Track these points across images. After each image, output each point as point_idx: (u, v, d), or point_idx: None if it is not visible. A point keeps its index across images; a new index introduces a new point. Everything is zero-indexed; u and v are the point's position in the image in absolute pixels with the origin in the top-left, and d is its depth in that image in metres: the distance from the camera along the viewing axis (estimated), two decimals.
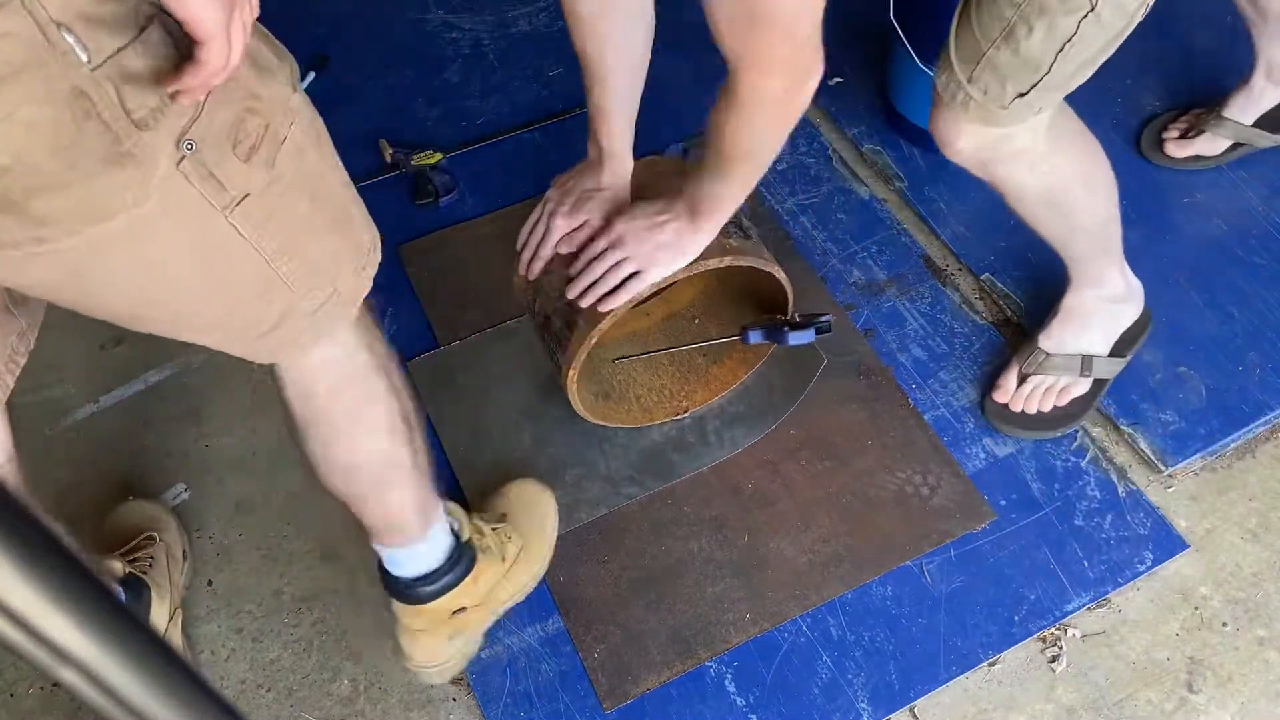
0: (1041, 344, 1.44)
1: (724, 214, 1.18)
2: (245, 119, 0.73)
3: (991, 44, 1.07)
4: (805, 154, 1.78)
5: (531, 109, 1.84)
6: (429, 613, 1.18)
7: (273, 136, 0.76)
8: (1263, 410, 1.46)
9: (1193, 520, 1.40)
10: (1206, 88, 1.80)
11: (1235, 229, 1.64)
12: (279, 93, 0.77)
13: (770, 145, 1.09)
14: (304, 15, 2.03)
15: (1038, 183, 1.23)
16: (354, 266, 0.89)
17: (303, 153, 0.79)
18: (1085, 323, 1.42)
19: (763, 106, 1.00)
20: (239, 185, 0.74)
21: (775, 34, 0.91)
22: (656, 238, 1.19)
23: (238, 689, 1.32)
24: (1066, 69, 1.07)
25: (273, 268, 0.80)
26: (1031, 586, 1.34)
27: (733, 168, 1.12)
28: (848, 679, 1.28)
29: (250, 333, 0.86)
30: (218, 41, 0.65)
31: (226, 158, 0.72)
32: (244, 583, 1.39)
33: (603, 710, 1.26)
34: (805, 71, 0.96)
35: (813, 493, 1.41)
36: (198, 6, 0.63)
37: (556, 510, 1.37)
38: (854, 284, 1.62)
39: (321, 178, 0.84)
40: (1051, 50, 1.05)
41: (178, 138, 0.68)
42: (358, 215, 0.91)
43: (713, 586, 1.34)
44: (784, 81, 0.97)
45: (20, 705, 1.30)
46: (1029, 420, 1.44)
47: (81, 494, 1.46)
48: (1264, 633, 1.31)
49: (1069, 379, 1.44)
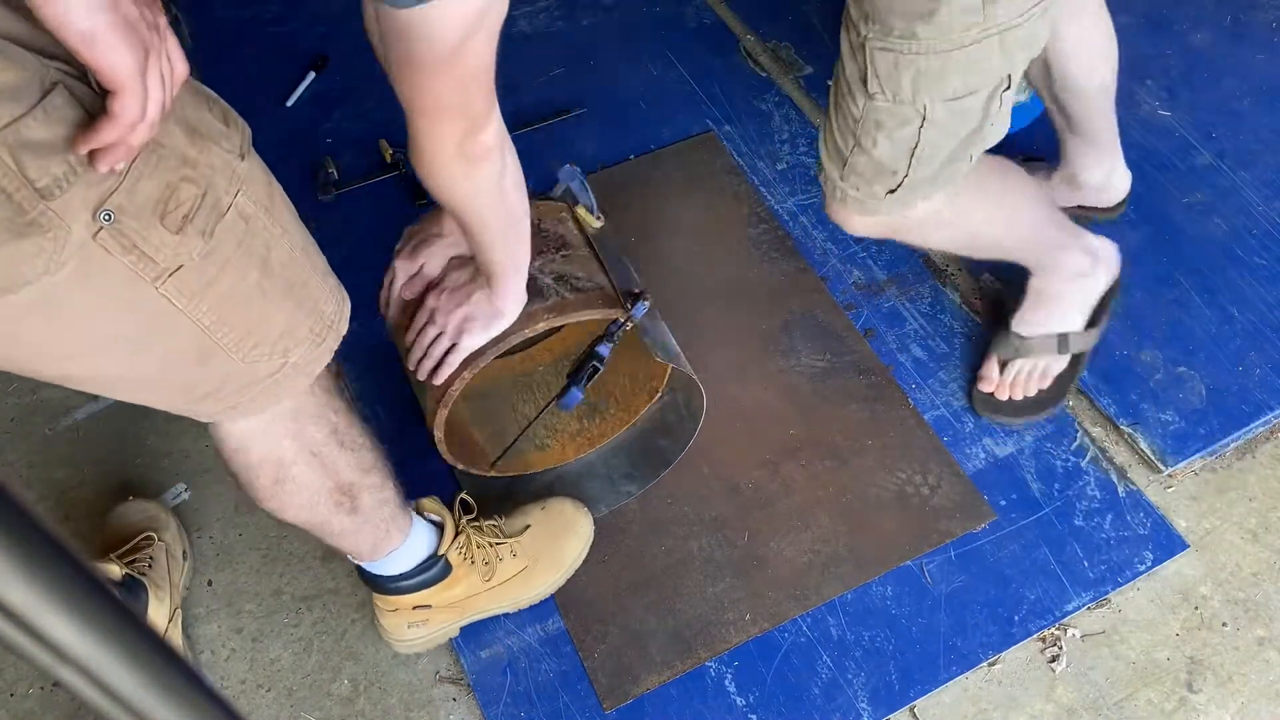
0: (1016, 329, 1.44)
1: (512, 278, 1.10)
2: (178, 188, 0.70)
3: (850, 149, 1.08)
4: (805, 154, 1.77)
5: (531, 109, 1.84)
6: (388, 600, 1.24)
7: (212, 205, 0.73)
8: (1263, 410, 1.46)
9: (1193, 520, 1.40)
10: (1206, 87, 1.81)
11: (1235, 229, 1.64)
12: (221, 160, 0.74)
13: (486, 206, 0.98)
14: (304, 15, 2.03)
15: (953, 234, 1.23)
16: (311, 337, 0.86)
17: (251, 221, 0.77)
18: (1056, 303, 1.42)
19: (445, 161, 0.90)
20: (169, 257, 0.71)
21: (438, 77, 0.81)
22: (463, 310, 1.12)
23: (238, 689, 1.31)
24: (927, 170, 1.07)
25: (211, 337, 0.77)
26: (1031, 586, 1.34)
27: (477, 236, 1.02)
28: (848, 679, 1.28)
29: (190, 394, 0.84)
30: (131, 91, 0.62)
31: (152, 229, 0.69)
32: (244, 583, 1.39)
33: (603, 710, 1.26)
34: (478, 118, 0.87)
35: (813, 493, 1.41)
36: (106, 50, 0.60)
37: (588, 537, 1.34)
38: (854, 284, 1.62)
39: (275, 245, 0.80)
40: (903, 157, 1.05)
41: (94, 208, 0.66)
42: (319, 283, 0.87)
43: (713, 586, 1.34)
44: (455, 128, 0.87)
45: (20, 705, 1.30)
46: (1017, 406, 1.45)
47: (81, 494, 1.46)
48: (1264, 633, 1.31)
49: (1048, 359, 1.44)
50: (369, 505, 1.06)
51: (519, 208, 1.02)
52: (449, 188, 0.93)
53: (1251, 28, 1.90)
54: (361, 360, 1.50)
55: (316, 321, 0.87)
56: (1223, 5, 1.93)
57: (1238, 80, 1.82)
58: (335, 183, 1.72)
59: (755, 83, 1.87)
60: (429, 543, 1.22)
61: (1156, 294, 1.57)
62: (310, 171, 1.76)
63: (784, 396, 1.50)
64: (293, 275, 0.83)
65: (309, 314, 0.86)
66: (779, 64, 1.90)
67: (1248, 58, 1.85)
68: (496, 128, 0.91)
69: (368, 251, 1.28)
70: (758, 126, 1.81)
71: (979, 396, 1.47)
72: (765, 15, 1.97)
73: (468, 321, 1.13)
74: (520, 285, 1.12)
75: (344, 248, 1.31)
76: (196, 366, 0.80)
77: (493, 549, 1.27)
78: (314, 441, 0.96)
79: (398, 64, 0.80)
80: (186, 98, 0.73)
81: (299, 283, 0.84)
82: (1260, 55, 1.85)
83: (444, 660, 1.33)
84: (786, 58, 1.90)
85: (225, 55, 1.98)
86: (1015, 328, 1.44)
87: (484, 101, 0.87)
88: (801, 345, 1.54)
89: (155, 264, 0.71)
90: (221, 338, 0.78)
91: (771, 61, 1.90)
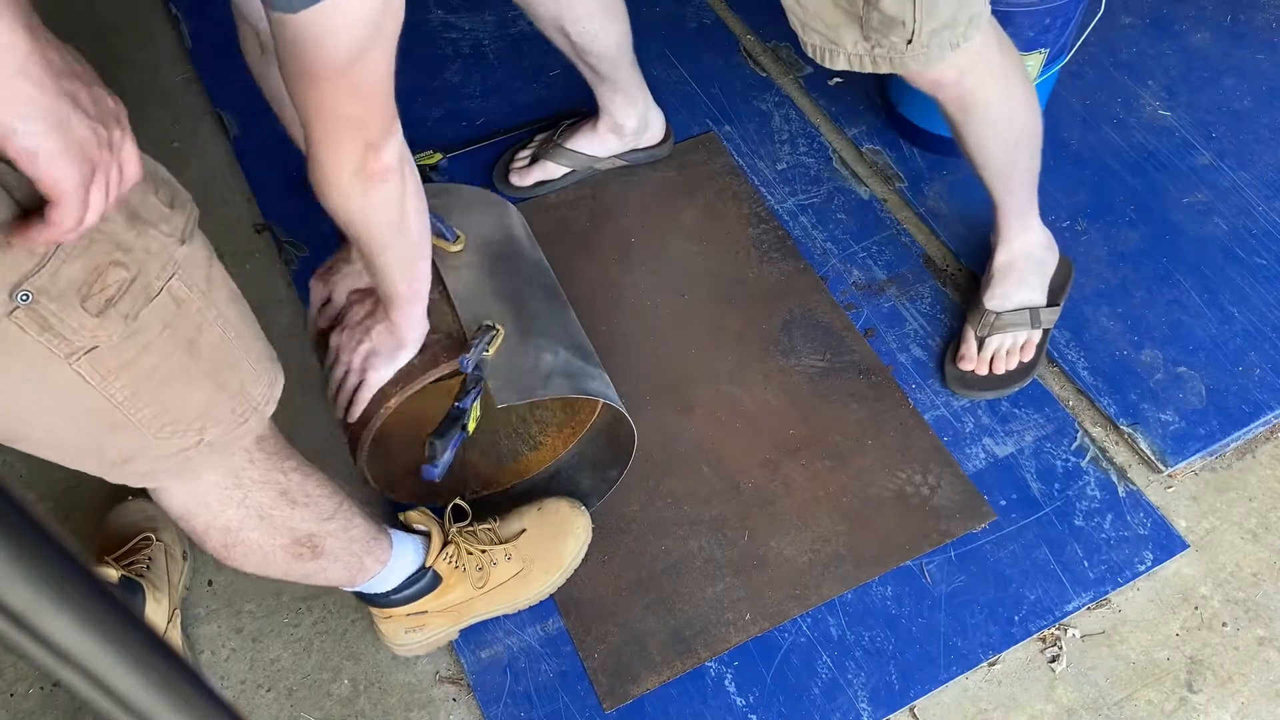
0: (989, 305, 1.49)
1: (411, 306, 1.08)
2: (106, 271, 0.69)
3: (862, 7, 1.13)
4: (805, 154, 1.78)
5: (531, 109, 1.84)
6: (382, 610, 1.24)
7: (141, 289, 0.71)
8: (1263, 410, 1.46)
9: (1193, 520, 1.40)
10: (1206, 87, 1.81)
11: (1235, 229, 1.64)
12: (159, 244, 0.72)
13: (384, 227, 0.94)
14: None
15: (999, 89, 1.27)
16: (232, 418, 0.84)
17: (184, 304, 0.75)
18: (1020, 277, 1.48)
19: (344, 179, 0.87)
20: (85, 338, 0.70)
21: (335, 86, 0.79)
22: (365, 346, 1.12)
23: (238, 689, 1.32)
24: (938, 19, 1.13)
25: (123, 413, 0.76)
26: (1031, 586, 1.34)
27: (374, 260, 0.99)
28: (848, 679, 1.28)
29: (102, 459, 0.83)
30: (70, 203, 0.60)
31: (71, 311, 0.68)
32: (244, 583, 1.39)
33: (603, 710, 1.26)
34: (378, 135, 0.85)
35: (813, 492, 1.41)
36: (49, 166, 0.58)
37: (585, 537, 1.33)
38: (854, 284, 1.62)
39: (207, 329, 0.79)
40: (906, 5, 1.11)
41: (11, 288, 0.65)
42: (249, 367, 0.85)
43: (713, 586, 1.34)
44: (354, 144, 0.85)
45: (20, 705, 1.30)
46: (993, 381, 1.48)
47: (81, 494, 1.46)
48: (1264, 633, 1.31)
49: (1023, 332, 1.49)
50: (334, 548, 1.05)
51: (419, 233, 0.99)
52: (345, 207, 0.90)
53: (1251, 28, 1.90)
54: None
55: (240, 403, 0.85)
56: (1223, 5, 1.93)
57: (1238, 80, 1.82)
58: None
59: (755, 83, 1.87)
60: (416, 557, 1.21)
61: (1156, 294, 1.57)
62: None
63: (784, 396, 1.50)
64: (221, 358, 0.81)
65: (232, 396, 0.84)
66: (779, 64, 1.90)
67: (1248, 58, 1.85)
68: (397, 147, 0.88)
69: None
70: (758, 126, 1.81)
71: (955, 374, 1.50)
72: (765, 15, 1.97)
73: (371, 357, 1.12)
74: (421, 313, 1.10)
75: None
76: (107, 435, 0.79)
77: (485, 554, 1.26)
78: (261, 506, 0.94)
79: (294, 78, 0.78)
80: None
81: (227, 365, 0.82)
82: (1260, 55, 1.85)
83: (444, 660, 1.33)
84: (786, 58, 1.90)
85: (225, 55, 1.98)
86: (988, 304, 1.49)
87: (383, 117, 0.85)
88: (801, 345, 1.54)
89: (70, 343, 0.69)
90: (133, 414, 0.77)
91: (771, 61, 1.91)
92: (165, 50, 2.02)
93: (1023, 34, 1.46)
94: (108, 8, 2.11)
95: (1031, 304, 1.49)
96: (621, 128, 1.70)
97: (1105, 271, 1.60)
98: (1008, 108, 1.30)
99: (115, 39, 2.05)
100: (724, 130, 1.81)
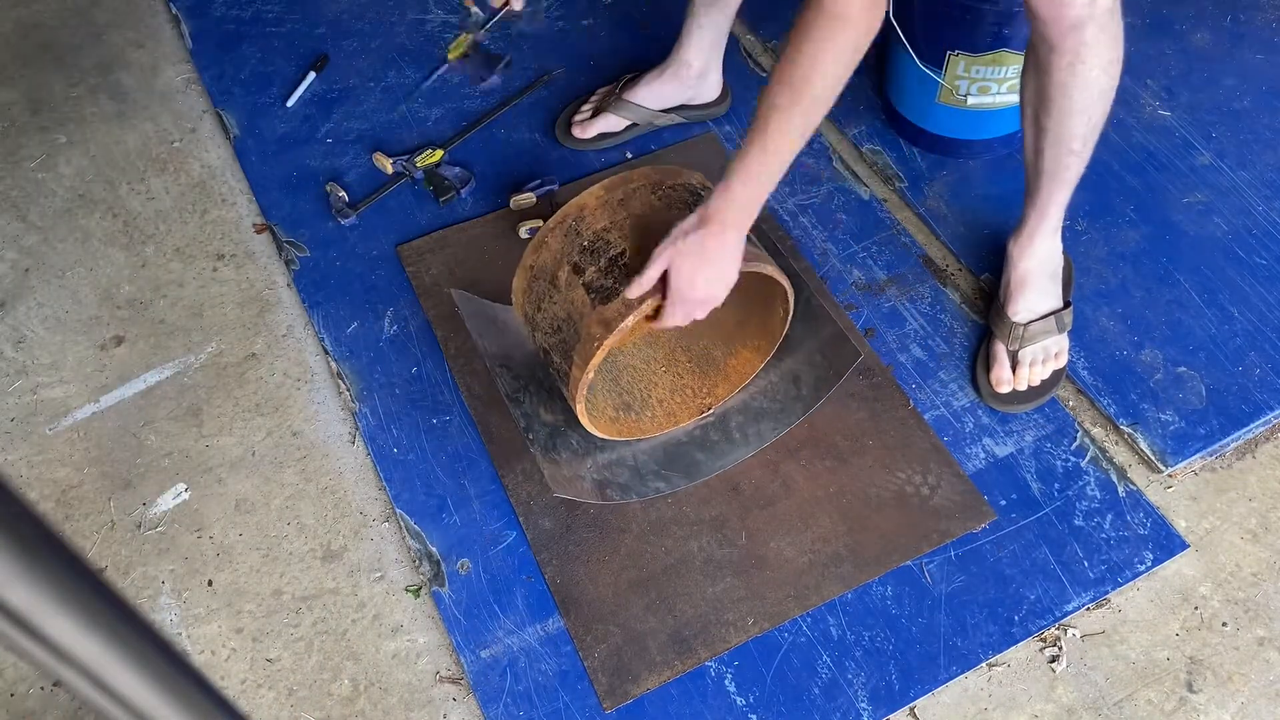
0: (1015, 318, 1.48)
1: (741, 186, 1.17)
2: None
3: None
4: (805, 154, 1.77)
5: (531, 109, 1.84)
6: None
7: None
8: (1263, 410, 1.46)
9: (1193, 520, 1.40)
10: (1206, 87, 1.81)
11: (1235, 229, 1.64)
12: None
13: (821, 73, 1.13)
14: (304, 15, 2.03)
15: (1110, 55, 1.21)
16: None
17: None
18: (1041, 285, 1.47)
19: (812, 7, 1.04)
20: None
21: None
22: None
23: (238, 689, 1.32)
24: None
25: None
26: (1031, 586, 1.34)
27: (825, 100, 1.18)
28: (848, 679, 1.28)
29: None
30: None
31: None
32: (244, 583, 1.39)
33: (603, 710, 1.26)
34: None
35: (813, 493, 1.41)
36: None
37: None
38: (854, 284, 1.62)
39: None
40: None
41: None
42: None
43: (713, 586, 1.34)
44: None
45: (20, 705, 1.30)
46: (1031, 394, 1.47)
47: (81, 494, 1.46)
48: (1264, 633, 1.31)
49: (1052, 339, 1.48)
50: None
51: (824, 94, 1.11)
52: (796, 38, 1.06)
53: (1251, 28, 1.90)
54: (363, 358, 1.50)
55: None
56: (1223, 5, 1.93)
57: (1238, 80, 1.82)
58: (350, 204, 1.70)
59: (755, 83, 1.87)
60: None
61: (1156, 294, 1.57)
62: (322, 200, 1.76)
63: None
64: None
65: None
66: None
67: (1248, 58, 1.85)
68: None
69: (389, 261, 1.28)
70: None
71: (994, 395, 1.48)
72: (765, 15, 1.97)
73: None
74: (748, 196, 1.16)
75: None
76: None
77: None
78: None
79: None
80: None
81: None
82: (1260, 55, 1.86)
83: (444, 660, 1.33)
84: None
85: (225, 55, 1.98)
86: (1014, 317, 1.47)
87: None
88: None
89: None
90: None
91: (771, 61, 1.90)
92: (165, 50, 2.02)
93: (1023, 34, 1.46)
94: (108, 8, 2.11)
95: (1053, 309, 1.48)
96: (687, 65, 1.73)
97: (1105, 271, 1.60)
98: (1108, 79, 1.23)
99: (115, 39, 2.05)
100: (724, 130, 1.81)
